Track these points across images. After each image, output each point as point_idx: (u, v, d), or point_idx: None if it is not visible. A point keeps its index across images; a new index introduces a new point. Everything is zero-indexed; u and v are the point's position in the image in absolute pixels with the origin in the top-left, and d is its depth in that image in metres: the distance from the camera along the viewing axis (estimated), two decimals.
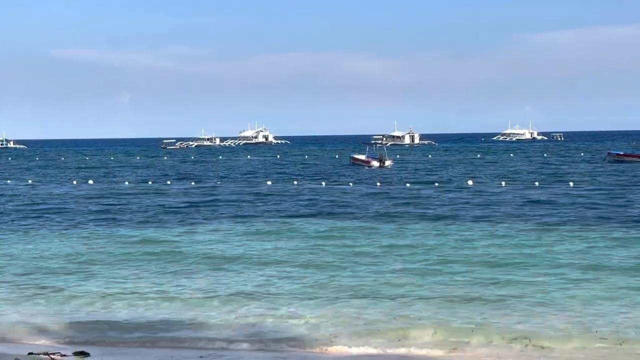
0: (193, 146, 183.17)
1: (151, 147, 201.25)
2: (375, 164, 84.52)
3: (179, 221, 36.45)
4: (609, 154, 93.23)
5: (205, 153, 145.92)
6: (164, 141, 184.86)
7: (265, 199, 47.79)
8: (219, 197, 49.73)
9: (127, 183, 64.61)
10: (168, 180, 67.42)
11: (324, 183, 61.41)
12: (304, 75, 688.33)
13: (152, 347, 15.89)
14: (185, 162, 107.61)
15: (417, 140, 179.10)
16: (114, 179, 70.86)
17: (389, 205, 43.00)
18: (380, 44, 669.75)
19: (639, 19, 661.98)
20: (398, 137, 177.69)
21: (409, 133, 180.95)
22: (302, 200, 46.53)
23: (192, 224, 35.26)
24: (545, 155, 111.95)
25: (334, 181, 64.07)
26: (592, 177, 63.68)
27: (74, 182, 65.83)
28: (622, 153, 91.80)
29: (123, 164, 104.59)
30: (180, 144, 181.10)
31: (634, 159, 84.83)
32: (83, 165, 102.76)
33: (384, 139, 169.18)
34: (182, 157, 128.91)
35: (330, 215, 38.25)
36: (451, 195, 49.28)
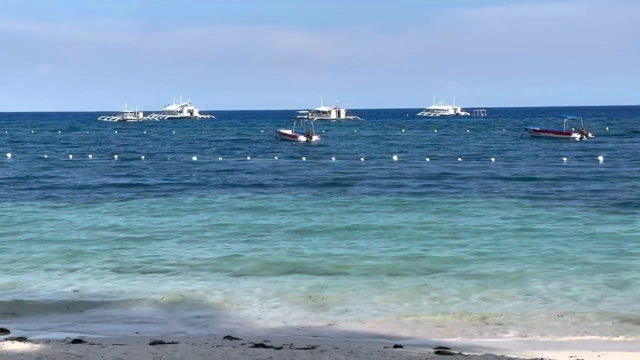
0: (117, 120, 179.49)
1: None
2: (302, 139, 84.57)
3: (89, 198, 36.02)
4: (527, 129, 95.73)
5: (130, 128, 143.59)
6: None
7: (190, 174, 47.50)
8: (141, 175, 49.24)
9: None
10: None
11: (249, 157, 61.32)
12: (231, 49, 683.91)
13: (70, 323, 15.76)
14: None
15: (343, 116, 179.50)
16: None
17: (314, 179, 43.24)
18: (306, 18, 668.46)
19: None
20: (324, 112, 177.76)
21: (335, 108, 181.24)
22: (225, 175, 46.44)
23: (100, 201, 34.62)
24: (468, 131, 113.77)
25: (260, 156, 64.00)
26: (511, 152, 65.20)
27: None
28: (538, 129, 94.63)
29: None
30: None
31: (550, 134, 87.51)
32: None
33: (310, 114, 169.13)
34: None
35: (253, 189, 38.28)
36: (376, 169, 49.82)
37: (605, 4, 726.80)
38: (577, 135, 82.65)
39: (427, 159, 58.31)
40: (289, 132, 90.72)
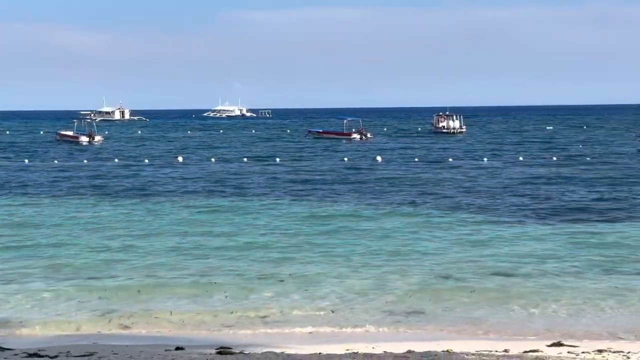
0: None
1: None
2: (84, 140, 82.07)
3: None
4: (309, 132, 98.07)
5: None
6: None
7: None
8: None
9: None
10: None
11: (27, 160, 58.59)
12: (8, 47, 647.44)
13: None
14: None
15: (127, 116, 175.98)
16: None
17: (95, 182, 42.16)
18: (88, 17, 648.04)
19: (353, 2, 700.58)
20: (108, 112, 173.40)
21: (119, 109, 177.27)
22: None
23: None
24: (253, 131, 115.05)
25: (38, 159, 61.26)
26: (295, 152, 66.69)
27: None
28: (321, 131, 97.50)
29: None
30: None
31: (331, 135, 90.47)
32: None
33: (93, 114, 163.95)
34: None
35: (31, 195, 36.85)
36: (160, 170, 49.32)
37: (391, 12, 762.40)
38: (357, 136, 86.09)
39: (213, 160, 58.40)
40: (70, 133, 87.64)
